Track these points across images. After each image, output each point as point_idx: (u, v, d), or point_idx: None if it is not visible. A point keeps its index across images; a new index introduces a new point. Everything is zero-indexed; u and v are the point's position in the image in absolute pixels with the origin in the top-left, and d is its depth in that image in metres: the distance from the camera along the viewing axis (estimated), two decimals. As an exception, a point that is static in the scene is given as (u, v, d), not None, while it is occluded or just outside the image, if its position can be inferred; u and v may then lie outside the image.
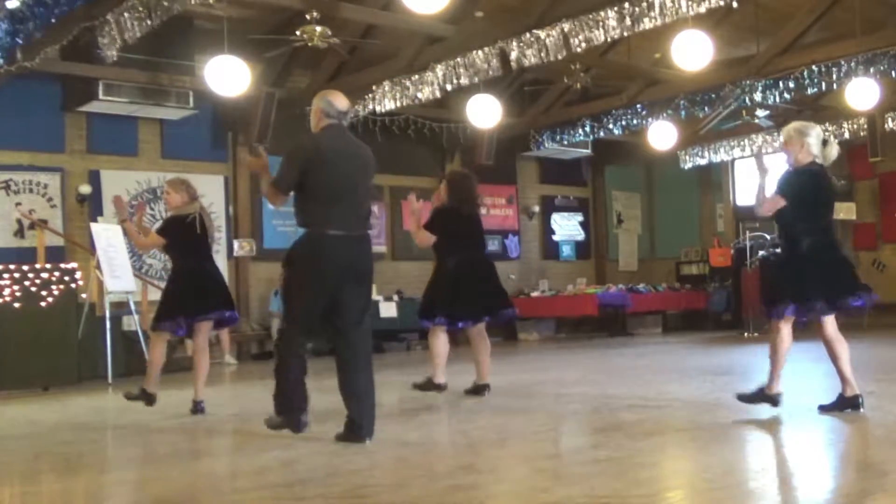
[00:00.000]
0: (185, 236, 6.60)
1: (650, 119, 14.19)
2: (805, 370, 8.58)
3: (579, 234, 17.93)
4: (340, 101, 5.15)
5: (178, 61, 11.58)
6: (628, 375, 8.56)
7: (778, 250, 5.55)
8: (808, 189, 5.41)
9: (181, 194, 6.70)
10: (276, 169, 5.09)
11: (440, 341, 7.10)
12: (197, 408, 6.64)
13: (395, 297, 14.09)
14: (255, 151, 5.30)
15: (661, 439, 4.95)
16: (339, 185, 4.99)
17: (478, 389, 7.13)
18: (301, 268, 5.01)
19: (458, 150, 15.55)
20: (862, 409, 5.33)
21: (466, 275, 7.03)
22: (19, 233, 11.63)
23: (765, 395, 5.46)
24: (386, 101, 12.36)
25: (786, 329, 5.43)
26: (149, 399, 6.69)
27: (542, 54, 10.55)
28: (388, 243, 15.00)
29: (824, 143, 5.50)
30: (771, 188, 5.43)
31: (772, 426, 5.15)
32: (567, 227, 17.75)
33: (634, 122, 14.47)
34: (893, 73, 11.61)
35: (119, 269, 10.31)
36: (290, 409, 4.98)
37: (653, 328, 16.51)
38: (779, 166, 5.59)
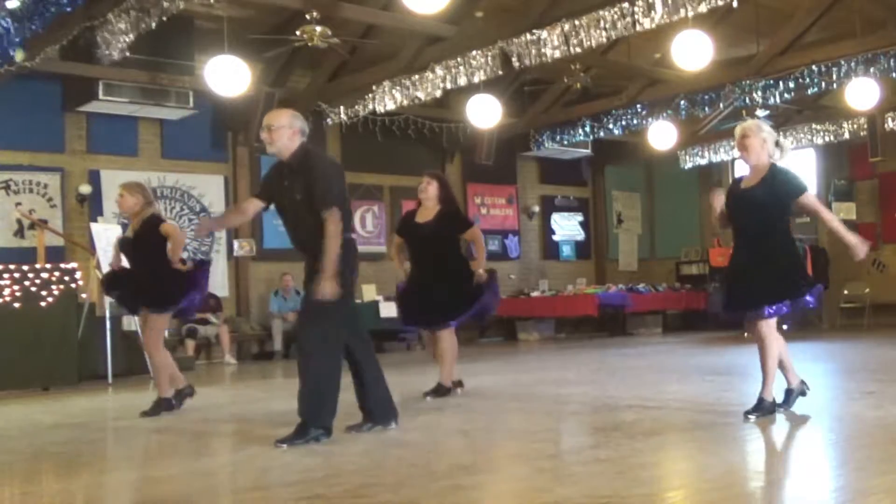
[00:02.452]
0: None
1: (650, 119, 14.20)
2: (805, 369, 8.58)
3: (579, 234, 17.93)
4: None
5: (178, 61, 11.58)
6: (628, 375, 8.56)
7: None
8: None
9: (136, 197, 6.69)
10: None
11: None
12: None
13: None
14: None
15: (661, 439, 4.95)
16: (347, 194, 5.22)
17: (448, 390, 7.11)
18: (345, 274, 5.05)
19: (458, 150, 15.56)
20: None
21: None
22: (19, 233, 11.63)
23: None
24: (386, 101, 12.37)
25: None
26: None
27: (542, 54, 10.55)
28: (388, 243, 14.99)
29: (776, 143, 5.46)
30: (842, 226, 5.36)
31: (772, 426, 5.14)
32: (567, 227, 17.75)
33: (634, 122, 14.48)
34: (893, 73, 11.61)
35: (119, 269, 10.29)
36: (328, 414, 5.01)
37: (653, 328, 16.51)
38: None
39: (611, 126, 14.73)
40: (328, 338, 5.00)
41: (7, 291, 9.16)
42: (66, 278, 9.51)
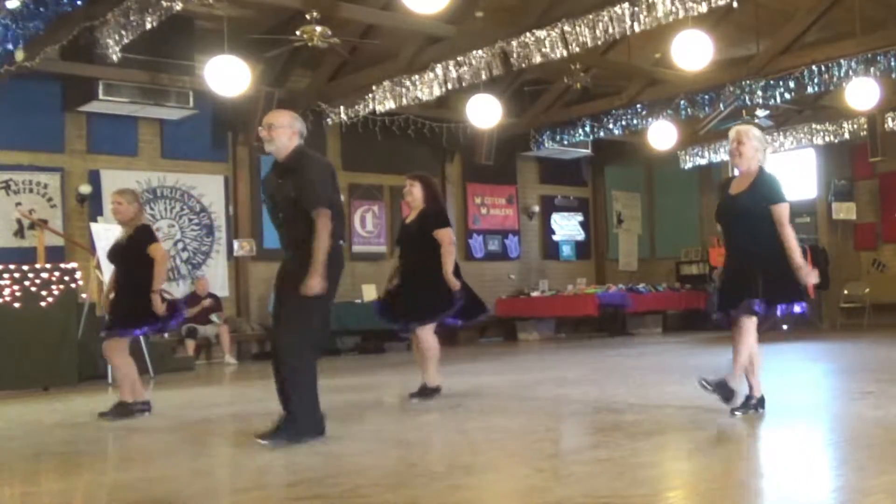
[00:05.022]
0: None
1: (650, 119, 14.19)
2: (805, 369, 8.60)
3: (579, 234, 17.94)
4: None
5: (178, 61, 11.58)
6: (628, 375, 8.56)
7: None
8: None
9: (134, 206, 6.64)
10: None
11: None
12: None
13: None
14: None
15: (661, 439, 4.95)
16: (341, 202, 5.23)
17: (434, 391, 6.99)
18: (331, 280, 5.03)
19: (458, 150, 15.56)
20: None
21: None
22: (19, 233, 11.63)
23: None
24: (386, 101, 12.37)
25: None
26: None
27: (542, 54, 10.55)
28: (388, 243, 14.99)
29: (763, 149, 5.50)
30: (796, 247, 5.30)
31: (771, 426, 5.15)
32: (567, 227, 17.75)
33: (634, 122, 14.48)
34: (893, 73, 11.61)
35: (119, 269, 10.29)
36: (316, 418, 5.02)
37: (653, 328, 16.51)
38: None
39: (611, 126, 14.73)
40: (305, 345, 4.97)
41: (7, 291, 9.17)
42: (66, 278, 9.51)
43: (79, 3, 8.69)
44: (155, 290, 6.50)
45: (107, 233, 10.55)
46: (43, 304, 9.33)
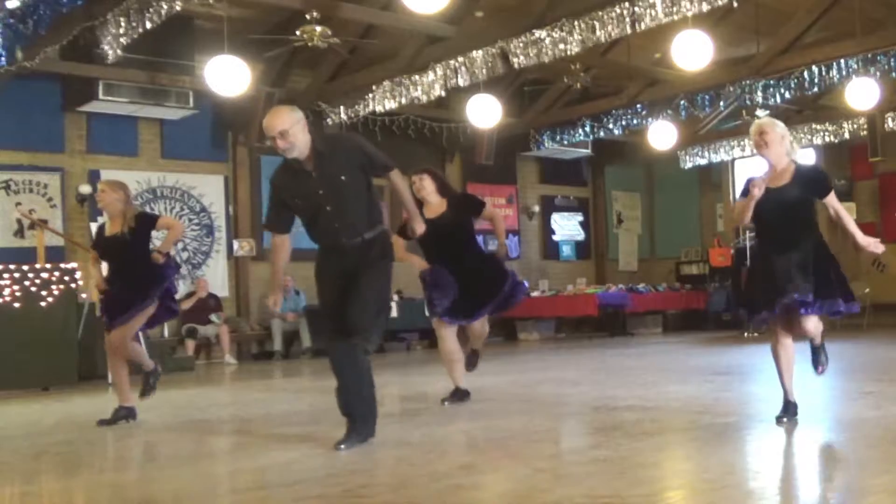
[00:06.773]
0: None
1: (650, 119, 14.19)
2: (806, 369, 8.59)
3: (579, 234, 17.94)
4: None
5: (178, 61, 11.58)
6: (628, 375, 8.56)
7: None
8: None
9: (118, 193, 6.45)
10: None
11: None
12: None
13: (396, 297, 14.08)
14: None
15: (661, 439, 4.95)
16: None
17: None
18: (391, 264, 5.09)
19: (458, 150, 15.56)
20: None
21: None
22: (19, 233, 11.63)
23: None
24: (386, 101, 12.37)
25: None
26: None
27: (542, 54, 10.55)
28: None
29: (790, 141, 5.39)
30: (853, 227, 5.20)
31: (772, 426, 5.14)
32: (567, 227, 17.75)
33: (634, 122, 14.48)
34: (894, 73, 11.61)
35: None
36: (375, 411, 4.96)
37: (653, 328, 16.51)
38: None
39: (611, 126, 14.73)
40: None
41: (7, 291, 9.16)
42: (66, 278, 9.51)
43: (79, 3, 8.69)
44: (161, 251, 6.37)
45: (107, 233, 10.56)
46: (43, 304, 9.33)
